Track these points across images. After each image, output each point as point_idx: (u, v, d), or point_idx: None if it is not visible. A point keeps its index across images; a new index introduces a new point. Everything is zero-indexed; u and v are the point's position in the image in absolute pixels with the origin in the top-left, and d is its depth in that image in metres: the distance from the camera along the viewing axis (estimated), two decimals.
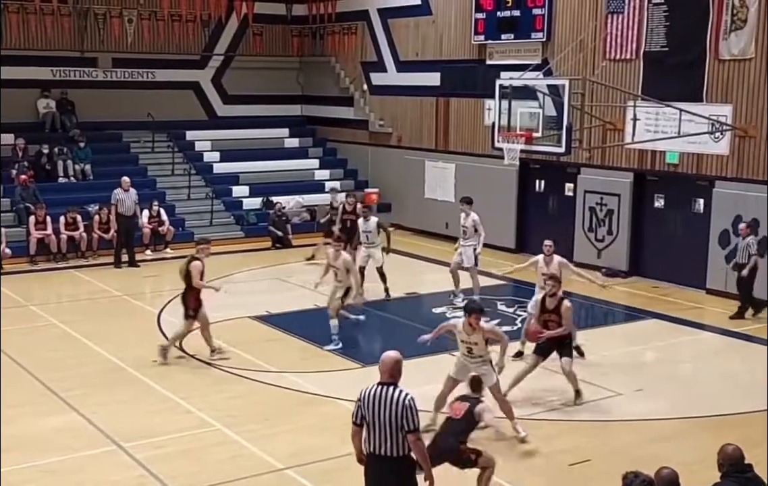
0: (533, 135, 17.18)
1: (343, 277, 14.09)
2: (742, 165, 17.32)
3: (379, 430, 6.84)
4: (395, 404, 6.79)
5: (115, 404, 11.50)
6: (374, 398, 6.90)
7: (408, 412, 6.78)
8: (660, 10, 18.36)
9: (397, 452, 6.85)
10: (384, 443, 6.85)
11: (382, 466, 6.93)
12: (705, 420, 11.14)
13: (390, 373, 6.97)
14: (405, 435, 6.81)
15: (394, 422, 6.78)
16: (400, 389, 6.90)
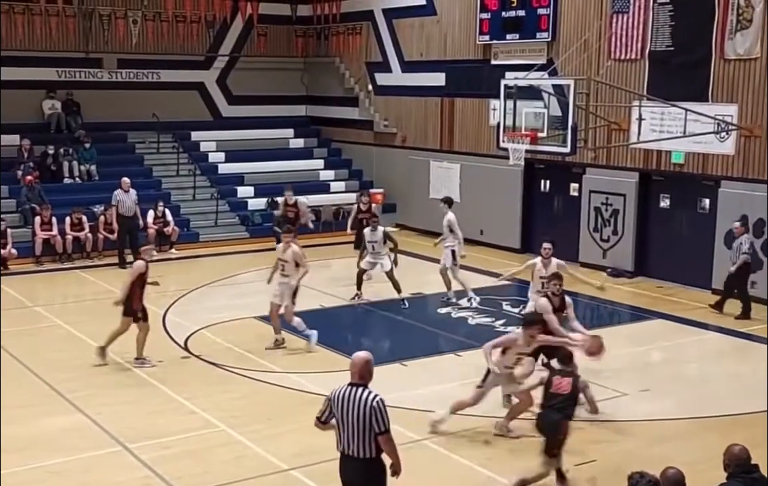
0: (538, 135, 17.13)
1: (291, 271, 13.66)
2: (748, 165, 17.28)
3: (349, 430, 6.83)
4: (364, 406, 6.77)
5: (120, 405, 11.50)
6: (344, 399, 6.88)
7: (377, 413, 6.76)
8: (665, 9, 18.32)
9: (366, 454, 6.83)
10: (353, 444, 6.84)
11: (352, 467, 6.91)
12: (711, 420, 11.11)
13: (360, 374, 6.94)
14: (375, 436, 6.78)
15: (363, 423, 6.76)
16: (369, 390, 6.88)
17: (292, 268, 13.63)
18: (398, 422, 10.82)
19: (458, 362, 13.55)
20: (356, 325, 16.44)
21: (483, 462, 9.81)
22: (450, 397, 11.80)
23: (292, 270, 13.63)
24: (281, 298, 13.69)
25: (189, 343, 14.13)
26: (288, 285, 13.66)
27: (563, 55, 19.41)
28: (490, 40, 22.15)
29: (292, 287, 13.67)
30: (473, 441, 10.45)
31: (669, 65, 18.26)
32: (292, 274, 13.63)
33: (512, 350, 10.46)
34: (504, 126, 17.69)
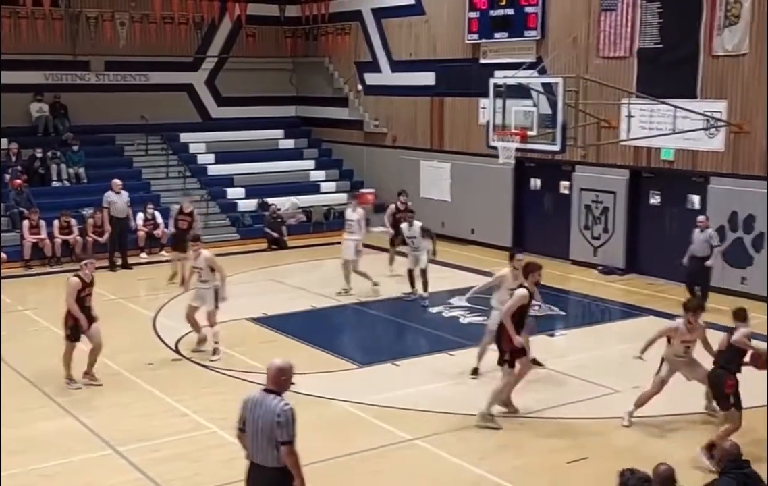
0: (528, 133, 17.13)
1: (208, 276, 13.50)
2: (737, 161, 17.32)
3: (257, 438, 6.63)
4: (271, 413, 6.56)
5: (111, 408, 11.46)
6: (254, 405, 6.68)
7: (283, 423, 6.53)
8: (653, 6, 18.36)
9: (272, 462, 6.60)
10: (260, 452, 6.63)
11: (259, 476, 6.69)
12: (702, 416, 11.10)
13: (273, 381, 6.73)
14: (279, 445, 6.56)
15: (270, 432, 6.56)
16: (279, 398, 6.64)
17: (208, 273, 13.47)
18: (390, 422, 10.87)
19: (450, 361, 13.54)
20: (347, 326, 16.41)
21: (474, 461, 9.79)
22: (443, 397, 11.82)
23: (208, 275, 13.47)
24: (201, 301, 13.56)
25: (180, 346, 14.08)
26: (208, 290, 13.49)
27: (552, 53, 19.43)
28: (478, 38, 22.16)
29: (214, 291, 13.48)
30: (464, 439, 10.44)
31: (657, 62, 18.29)
32: (209, 279, 13.47)
33: (676, 339, 10.66)
34: (493, 125, 17.68)
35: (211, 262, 13.50)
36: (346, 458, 9.90)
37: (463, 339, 14.54)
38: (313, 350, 14.07)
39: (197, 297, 13.68)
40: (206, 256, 13.52)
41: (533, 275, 10.98)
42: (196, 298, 13.70)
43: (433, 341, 14.73)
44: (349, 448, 10.08)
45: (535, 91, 17.07)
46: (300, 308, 16.61)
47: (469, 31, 22.34)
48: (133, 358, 13.35)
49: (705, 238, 16.22)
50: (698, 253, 16.28)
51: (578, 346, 14.01)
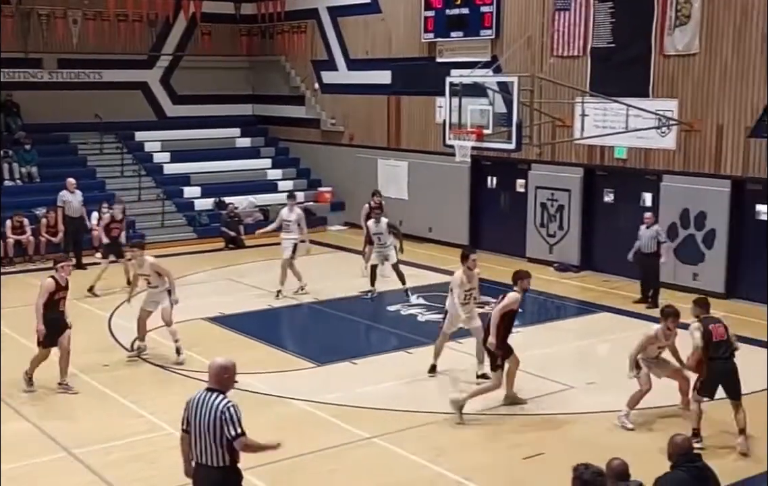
0: (484, 132, 17.25)
1: (157, 281, 13.33)
2: (689, 159, 17.61)
3: (201, 438, 6.60)
4: (215, 412, 6.55)
5: (65, 410, 11.33)
6: (198, 405, 6.66)
7: (228, 419, 6.53)
8: (606, 6, 18.58)
9: (219, 462, 6.59)
10: (206, 452, 6.61)
11: (206, 476, 6.66)
12: (655, 411, 11.27)
13: (215, 380, 6.73)
14: (228, 444, 6.56)
15: (215, 430, 6.54)
16: (222, 397, 6.64)
17: (156, 278, 13.33)
18: (348, 421, 10.89)
19: (408, 359, 13.60)
20: (305, 325, 16.40)
21: (432, 458, 9.86)
22: (401, 395, 11.88)
23: (157, 280, 13.32)
24: (155, 304, 13.38)
25: (135, 346, 13.95)
26: (161, 293, 13.32)
27: (507, 52, 19.58)
28: (434, 37, 22.25)
29: (167, 292, 13.32)
30: (422, 437, 10.50)
31: (610, 61, 18.53)
32: (159, 283, 13.32)
33: (653, 345, 10.79)
34: (450, 123, 17.79)
35: (157, 268, 13.34)
36: (305, 457, 9.91)
37: (420, 337, 14.61)
38: (271, 349, 14.06)
39: (150, 301, 13.49)
40: (151, 263, 13.34)
41: (522, 282, 11.25)
42: (149, 302, 13.51)
43: (390, 339, 14.79)
44: (307, 447, 10.08)
45: (491, 89, 17.20)
46: (257, 307, 16.57)
47: (425, 30, 22.42)
48: (89, 360, 13.20)
49: (652, 235, 16.52)
50: (645, 249, 16.55)
51: (534, 343, 14.13)
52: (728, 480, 7.55)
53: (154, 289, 13.41)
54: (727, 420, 10.41)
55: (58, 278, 11.89)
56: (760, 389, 12.00)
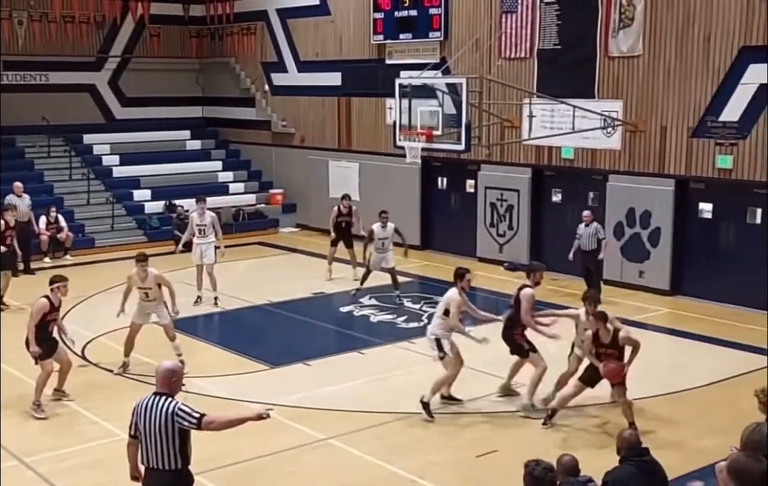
0: (434, 133, 17.44)
1: (156, 294, 12.85)
2: (634, 159, 17.97)
3: (152, 442, 6.62)
4: (164, 414, 6.60)
5: (16, 418, 11.21)
6: (146, 409, 6.69)
7: (183, 416, 6.59)
8: (552, 9, 18.88)
9: (170, 465, 6.64)
10: (157, 455, 6.63)
11: (157, 480, 6.69)
12: (603, 407, 11.51)
13: (162, 383, 6.79)
14: (181, 446, 6.61)
15: (166, 432, 6.58)
16: (171, 399, 6.69)
17: (157, 291, 12.84)
18: (303, 422, 10.96)
19: (361, 360, 13.71)
20: (259, 327, 16.41)
21: (387, 458, 9.98)
22: (354, 395, 11.98)
23: (157, 293, 12.84)
24: (146, 318, 12.97)
25: (86, 351, 13.87)
26: (158, 306, 12.90)
27: (456, 54, 19.79)
28: (384, 39, 22.39)
29: (164, 306, 12.93)
30: (376, 437, 10.62)
31: (557, 63, 18.83)
32: (157, 296, 12.85)
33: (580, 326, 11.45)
34: (400, 124, 17.95)
35: (160, 280, 12.88)
36: (261, 459, 9.96)
37: (373, 337, 14.75)
38: (224, 352, 14.07)
39: (143, 313, 12.95)
40: (155, 275, 12.82)
41: (534, 275, 11.95)
42: (141, 315, 12.96)
43: (344, 340, 14.88)
44: (263, 449, 10.13)
45: (440, 91, 17.38)
46: (209, 310, 16.54)
47: (375, 32, 22.55)
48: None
49: (591, 232, 16.85)
50: (586, 246, 16.88)
51: None
52: (674, 474, 7.77)
53: (150, 302, 12.85)
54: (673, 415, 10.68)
55: (53, 299, 11.44)
56: (702, 384, 12.33)
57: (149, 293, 12.84)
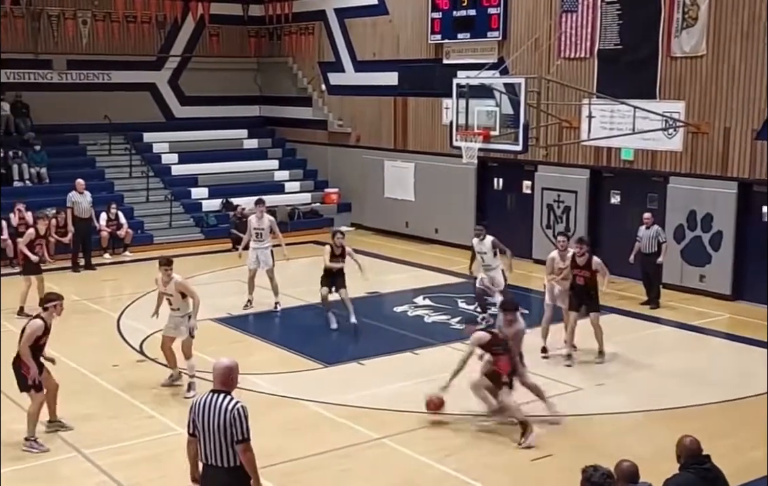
0: (490, 133, 17.30)
1: (179, 304, 12.07)
2: (696, 161, 17.63)
3: (211, 439, 6.63)
4: (225, 413, 6.58)
5: (75, 410, 11.38)
6: (205, 407, 6.67)
7: (237, 420, 6.57)
8: (613, 8, 18.62)
9: (229, 462, 6.63)
10: (216, 453, 6.64)
11: (216, 477, 6.69)
12: (664, 412, 11.33)
13: (221, 381, 6.76)
14: (236, 444, 6.59)
15: (224, 431, 6.58)
16: (231, 397, 6.69)
17: (179, 300, 12.07)
18: (357, 422, 10.95)
19: (415, 360, 13.66)
20: (313, 326, 16.42)
21: (440, 458, 9.91)
22: (407, 396, 11.93)
23: (180, 302, 12.06)
24: (176, 330, 12.16)
25: (144, 347, 14.04)
26: (182, 319, 12.10)
27: (514, 53, 19.63)
28: (441, 39, 22.30)
29: (188, 318, 12.07)
30: (430, 437, 10.55)
31: (617, 63, 18.56)
32: (182, 306, 12.08)
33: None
34: (457, 125, 17.84)
35: (182, 288, 12.05)
36: (314, 458, 9.97)
37: (427, 338, 14.69)
38: (279, 350, 14.13)
39: (171, 327, 12.25)
40: (177, 282, 12.05)
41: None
42: (170, 328, 12.25)
43: (398, 341, 14.82)
44: (316, 448, 10.15)
45: (498, 91, 17.24)
46: (265, 309, 16.63)
47: (432, 32, 22.48)
48: (98, 361, 13.29)
49: (652, 235, 16.58)
50: (646, 249, 16.61)
51: (541, 344, 14.17)
52: (735, 482, 7.58)
53: (175, 311, 12.14)
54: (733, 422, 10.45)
55: (47, 320, 10.36)
56: (763, 391, 12.03)
57: (171, 301, 12.13)
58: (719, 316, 16.23)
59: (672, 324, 15.86)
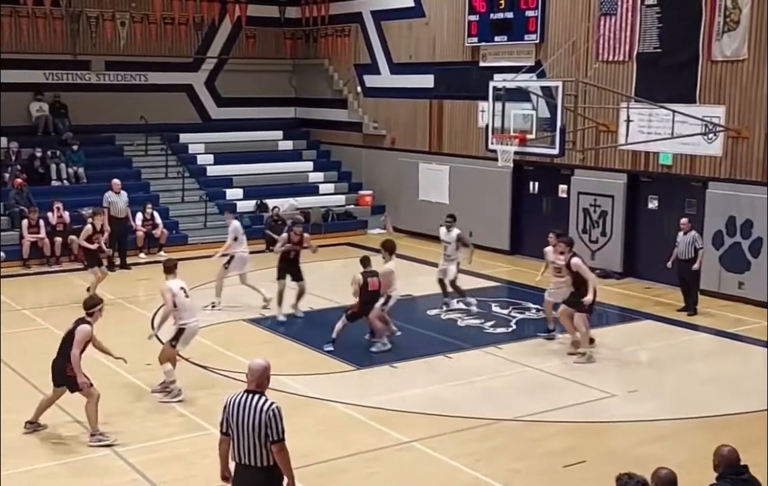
0: (527, 137, 17.17)
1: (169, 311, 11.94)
2: (735, 166, 17.35)
3: (245, 439, 6.68)
4: (260, 413, 6.64)
5: (109, 408, 11.43)
6: (239, 406, 6.73)
7: (273, 421, 6.62)
8: (653, 11, 18.39)
9: (263, 462, 6.69)
10: (249, 453, 6.69)
11: (249, 477, 6.74)
12: (699, 421, 11.15)
13: (257, 382, 6.80)
14: (270, 444, 6.63)
15: (259, 431, 6.63)
16: (265, 398, 6.75)
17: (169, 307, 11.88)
18: (387, 424, 10.89)
19: (448, 364, 13.56)
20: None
21: (471, 463, 9.82)
22: (440, 399, 11.86)
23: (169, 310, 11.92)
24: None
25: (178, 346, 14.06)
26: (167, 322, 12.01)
27: (551, 56, 19.46)
28: (478, 41, 22.19)
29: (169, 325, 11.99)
30: (460, 442, 10.46)
31: (657, 67, 18.33)
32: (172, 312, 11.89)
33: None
34: (493, 128, 17.73)
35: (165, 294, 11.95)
36: (343, 459, 9.93)
37: (460, 341, 14.59)
38: (311, 352, 14.10)
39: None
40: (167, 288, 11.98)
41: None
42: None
43: (430, 343, 14.73)
44: (346, 450, 10.11)
45: (535, 94, 17.10)
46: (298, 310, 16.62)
47: (469, 34, 22.37)
48: (131, 359, 13.31)
49: (689, 241, 16.34)
50: (683, 255, 16.38)
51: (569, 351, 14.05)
52: None
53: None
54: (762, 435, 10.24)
55: (93, 323, 10.59)
56: None
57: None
58: (757, 323, 15.94)
59: (709, 331, 15.61)
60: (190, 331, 11.99)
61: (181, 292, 11.96)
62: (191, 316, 12.07)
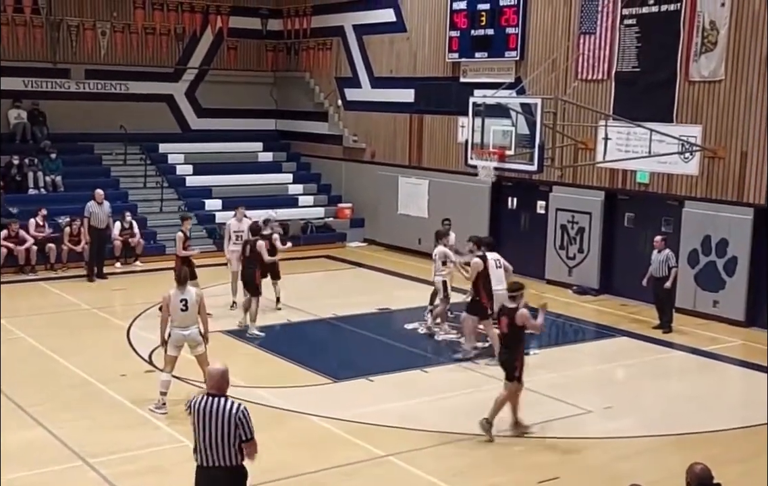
0: (506, 153, 17.24)
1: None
2: (712, 185, 17.51)
3: (213, 442, 6.85)
4: (229, 416, 6.84)
5: (82, 419, 11.37)
6: (205, 411, 6.90)
7: (242, 422, 6.86)
8: (632, 31, 18.56)
9: (231, 462, 6.89)
10: (217, 455, 6.86)
11: (215, 477, 6.93)
12: (674, 438, 11.20)
13: (217, 386, 6.99)
14: (239, 445, 6.86)
15: (229, 433, 6.83)
16: (232, 401, 6.96)
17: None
18: (364, 438, 10.87)
19: (425, 378, 13.57)
20: (322, 340, 16.39)
21: (448, 478, 9.81)
22: (417, 414, 11.86)
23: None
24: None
25: (153, 357, 14.01)
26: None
27: (531, 74, 19.59)
28: (459, 57, 22.30)
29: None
30: (438, 457, 10.47)
31: (635, 86, 18.48)
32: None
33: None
34: (472, 143, 17.78)
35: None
36: (320, 473, 9.90)
37: (437, 356, 14.61)
38: (288, 364, 14.06)
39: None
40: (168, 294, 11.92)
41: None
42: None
43: (407, 358, 14.74)
44: (322, 464, 10.08)
45: (514, 111, 17.18)
46: (275, 321, 16.59)
47: (450, 50, 22.47)
48: (106, 370, 13.26)
49: (663, 259, 16.46)
50: (657, 273, 16.50)
51: (551, 365, 14.09)
52: None
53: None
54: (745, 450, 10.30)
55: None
56: None
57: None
58: (732, 342, 16.08)
59: (684, 349, 15.72)
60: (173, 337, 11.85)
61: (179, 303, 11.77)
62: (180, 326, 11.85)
